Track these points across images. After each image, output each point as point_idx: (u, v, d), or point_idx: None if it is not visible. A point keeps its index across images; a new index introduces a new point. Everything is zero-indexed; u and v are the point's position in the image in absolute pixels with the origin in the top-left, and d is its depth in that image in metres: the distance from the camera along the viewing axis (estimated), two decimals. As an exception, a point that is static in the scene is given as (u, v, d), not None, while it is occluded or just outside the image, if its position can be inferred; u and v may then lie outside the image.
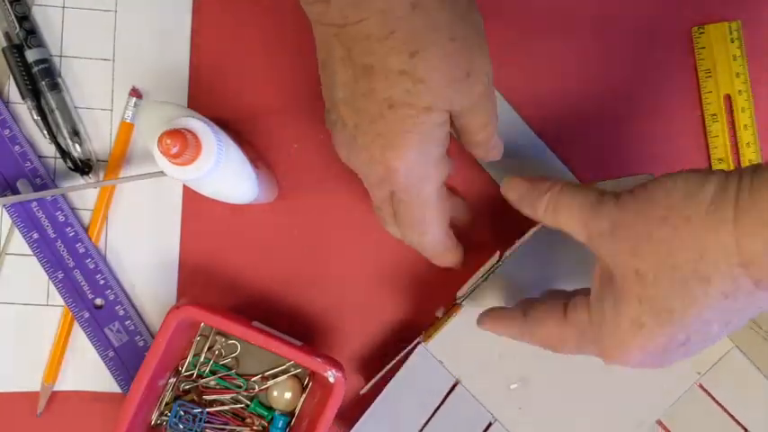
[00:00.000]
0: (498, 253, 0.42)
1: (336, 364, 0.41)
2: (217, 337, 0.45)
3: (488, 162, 0.43)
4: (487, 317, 0.39)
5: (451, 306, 0.44)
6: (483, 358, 0.44)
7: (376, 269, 0.47)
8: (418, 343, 0.44)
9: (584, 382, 0.45)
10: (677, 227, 0.30)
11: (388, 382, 0.44)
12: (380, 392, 0.43)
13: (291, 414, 0.45)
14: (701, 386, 0.44)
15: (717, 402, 0.44)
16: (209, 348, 0.45)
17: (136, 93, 0.46)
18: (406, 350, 0.44)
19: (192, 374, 0.45)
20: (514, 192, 0.38)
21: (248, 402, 0.45)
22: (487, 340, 0.41)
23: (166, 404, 0.44)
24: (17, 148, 0.45)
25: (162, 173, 0.35)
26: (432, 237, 0.39)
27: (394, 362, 0.44)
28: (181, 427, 0.44)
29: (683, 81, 0.47)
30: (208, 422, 0.44)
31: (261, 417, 0.44)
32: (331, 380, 0.40)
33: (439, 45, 0.33)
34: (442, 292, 0.45)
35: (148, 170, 0.44)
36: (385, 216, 0.39)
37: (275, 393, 0.44)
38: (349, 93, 0.34)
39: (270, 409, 0.45)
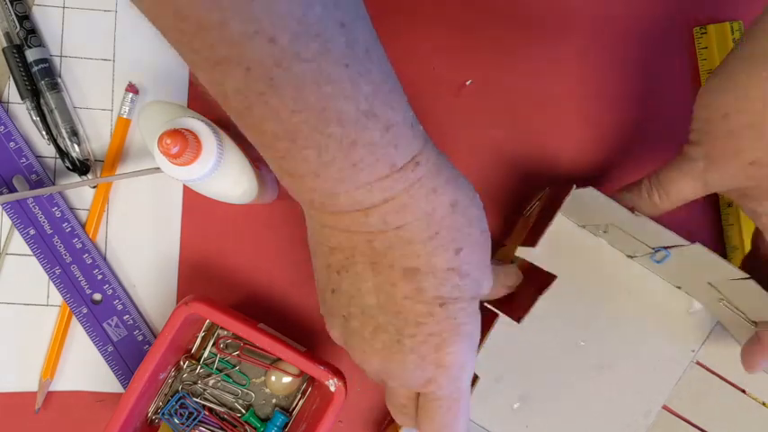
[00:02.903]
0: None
1: (338, 373, 0.41)
2: (219, 331, 0.45)
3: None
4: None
5: None
6: (481, 387, 0.44)
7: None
8: None
9: (582, 387, 0.45)
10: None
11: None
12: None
13: (289, 410, 0.45)
14: (698, 363, 0.46)
15: (715, 374, 0.46)
16: (213, 344, 0.45)
17: (132, 88, 0.46)
18: None
19: (195, 369, 0.45)
20: (627, 201, 0.40)
21: (243, 411, 0.45)
22: (481, 369, 0.41)
23: (165, 397, 0.44)
24: (12, 144, 0.45)
25: (158, 169, 0.35)
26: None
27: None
28: (175, 421, 0.44)
29: (684, 81, 0.47)
30: (201, 421, 0.44)
31: (254, 428, 0.44)
32: (332, 389, 0.41)
33: (476, 238, 0.33)
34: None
35: (146, 167, 0.44)
36: (406, 415, 0.37)
37: (273, 378, 0.44)
38: (386, 297, 0.32)
39: (264, 421, 0.45)
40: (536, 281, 0.37)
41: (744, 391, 0.46)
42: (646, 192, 0.40)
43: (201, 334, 0.45)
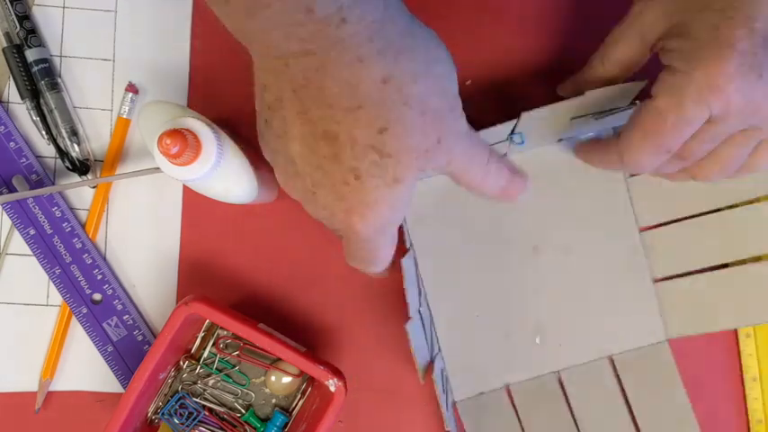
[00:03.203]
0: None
1: (338, 373, 0.41)
2: (219, 331, 0.45)
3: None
4: (583, 147, 0.42)
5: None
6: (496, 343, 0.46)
7: (376, 269, 0.46)
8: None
9: (569, 279, 0.46)
10: None
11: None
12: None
13: (289, 410, 0.45)
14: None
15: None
16: (213, 344, 0.45)
17: (132, 88, 0.46)
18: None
19: (195, 369, 0.45)
20: (572, 84, 0.42)
21: (243, 411, 0.45)
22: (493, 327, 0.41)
23: (165, 397, 0.44)
24: (12, 144, 0.45)
25: (158, 169, 0.35)
26: (379, 269, 0.37)
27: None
28: (175, 421, 0.44)
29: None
30: (201, 421, 0.44)
31: (254, 428, 0.44)
32: (332, 389, 0.41)
33: (409, 120, 0.30)
34: (442, 292, 0.45)
35: (145, 167, 0.44)
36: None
37: (273, 378, 0.44)
38: (308, 150, 0.31)
39: (263, 421, 0.45)
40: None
41: None
42: (589, 63, 0.40)
43: (201, 334, 0.45)
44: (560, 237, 0.46)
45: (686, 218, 0.46)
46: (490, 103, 0.46)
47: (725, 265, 0.45)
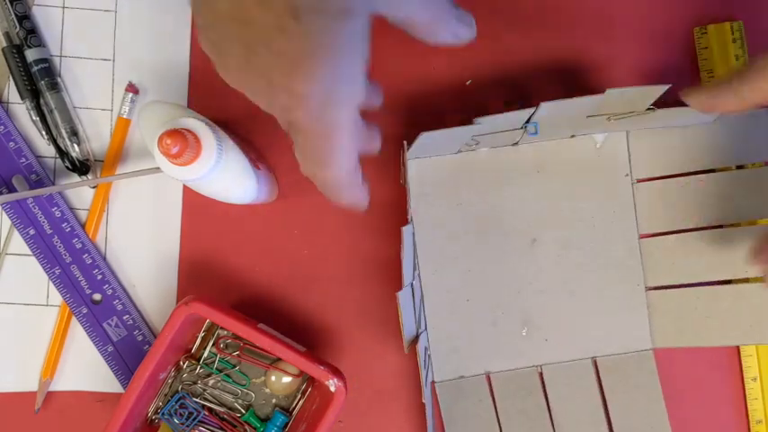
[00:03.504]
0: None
1: (338, 373, 0.41)
2: (219, 331, 0.45)
3: None
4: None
5: None
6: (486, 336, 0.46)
7: (376, 269, 0.46)
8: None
9: (563, 272, 0.46)
10: None
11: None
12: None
13: (289, 410, 0.45)
14: (638, 180, 0.46)
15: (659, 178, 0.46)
16: (213, 344, 0.45)
17: (132, 88, 0.46)
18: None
19: (195, 369, 0.45)
20: (701, 94, 0.38)
21: (243, 411, 0.45)
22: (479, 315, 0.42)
23: (165, 397, 0.44)
24: (12, 144, 0.45)
25: (158, 169, 0.35)
26: (336, 172, 0.32)
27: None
28: (175, 421, 0.44)
29: (684, 82, 0.47)
30: (201, 421, 0.44)
31: (254, 428, 0.44)
32: (332, 389, 0.41)
33: None
34: (442, 292, 0.45)
35: (145, 167, 0.44)
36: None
37: (273, 378, 0.44)
38: (236, 3, 0.27)
39: (263, 421, 0.45)
40: None
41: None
42: (731, 86, 0.36)
43: (201, 334, 0.45)
44: (560, 232, 0.46)
45: (687, 230, 0.45)
46: (490, 102, 0.46)
47: (719, 282, 0.45)
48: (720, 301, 0.45)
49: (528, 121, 0.41)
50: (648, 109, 0.42)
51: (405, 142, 0.40)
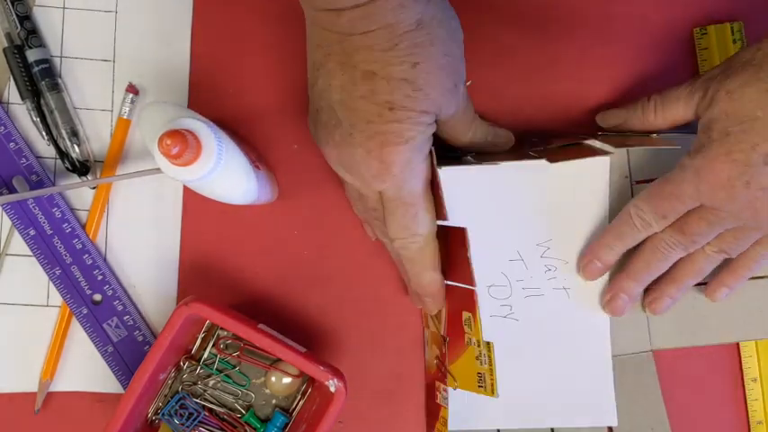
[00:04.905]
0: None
1: (338, 374, 0.41)
2: (219, 332, 0.45)
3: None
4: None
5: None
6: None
7: (376, 269, 0.46)
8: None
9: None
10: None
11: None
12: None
13: (289, 411, 0.45)
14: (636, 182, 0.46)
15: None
16: (213, 344, 0.45)
17: (132, 89, 0.46)
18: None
19: (195, 369, 0.45)
20: (616, 118, 0.45)
21: (243, 412, 0.45)
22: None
23: (165, 397, 0.44)
24: (12, 145, 0.45)
25: (158, 170, 0.35)
26: (420, 241, 0.40)
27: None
28: (175, 421, 0.44)
29: (684, 82, 0.47)
30: (201, 421, 0.44)
31: (254, 429, 0.44)
32: (332, 389, 0.41)
33: (436, 59, 0.36)
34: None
35: (146, 167, 0.44)
36: (374, 220, 0.42)
37: (273, 379, 0.44)
38: (347, 95, 0.37)
39: (263, 421, 0.45)
40: (457, 241, 0.40)
41: None
42: (642, 109, 0.43)
43: (201, 334, 0.45)
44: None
45: None
46: (490, 102, 0.47)
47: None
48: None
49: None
50: (651, 133, 0.43)
51: (432, 148, 0.41)
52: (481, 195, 0.45)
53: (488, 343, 0.41)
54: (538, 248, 0.46)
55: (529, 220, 0.45)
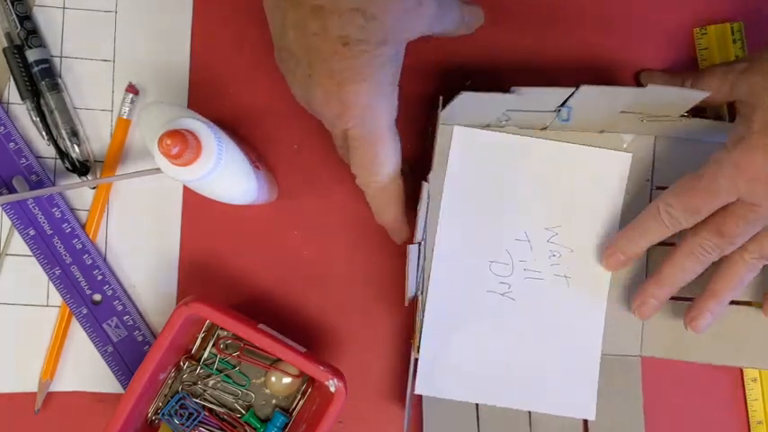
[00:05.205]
0: None
1: (338, 374, 0.41)
2: (219, 332, 0.45)
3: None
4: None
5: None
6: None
7: (376, 269, 0.46)
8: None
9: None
10: None
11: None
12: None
13: (289, 411, 0.45)
14: (658, 187, 0.46)
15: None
16: (213, 344, 0.45)
17: (132, 89, 0.46)
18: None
19: (195, 369, 0.45)
20: (659, 78, 0.44)
21: (243, 412, 0.45)
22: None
23: (165, 397, 0.44)
24: (12, 145, 0.45)
25: (158, 170, 0.35)
26: (384, 177, 0.39)
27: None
28: (175, 421, 0.44)
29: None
30: (201, 421, 0.44)
31: (254, 429, 0.44)
32: (332, 389, 0.41)
33: None
34: (442, 293, 0.45)
35: (146, 167, 0.44)
36: (344, 157, 0.41)
37: (273, 379, 0.44)
38: (300, 34, 0.35)
39: (263, 421, 0.45)
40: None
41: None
42: (682, 79, 0.43)
43: (201, 334, 0.45)
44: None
45: None
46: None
47: None
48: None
49: (564, 104, 0.41)
50: (682, 115, 0.42)
51: (441, 98, 0.40)
52: (496, 163, 0.45)
53: (417, 299, 0.42)
54: (546, 233, 0.45)
55: (541, 203, 0.45)
